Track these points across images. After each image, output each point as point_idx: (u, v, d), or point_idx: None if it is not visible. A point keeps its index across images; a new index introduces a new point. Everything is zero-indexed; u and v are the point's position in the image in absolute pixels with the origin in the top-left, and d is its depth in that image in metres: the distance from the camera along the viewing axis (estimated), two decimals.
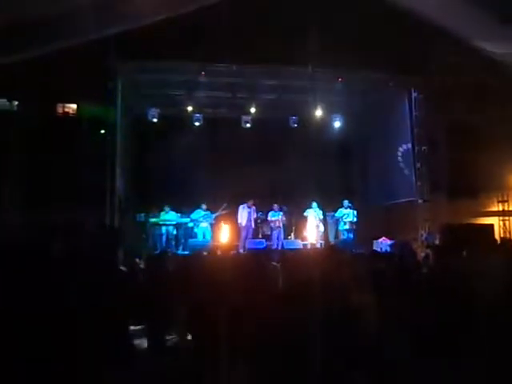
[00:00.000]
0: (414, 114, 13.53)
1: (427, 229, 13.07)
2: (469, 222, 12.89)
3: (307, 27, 10.53)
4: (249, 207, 13.50)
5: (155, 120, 14.79)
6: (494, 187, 14.49)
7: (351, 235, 13.57)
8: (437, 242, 11.60)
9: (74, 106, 13.46)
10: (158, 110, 14.76)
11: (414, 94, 13.57)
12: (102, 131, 12.56)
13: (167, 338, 4.06)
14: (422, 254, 7.90)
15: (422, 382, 2.58)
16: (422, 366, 2.60)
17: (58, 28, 10.25)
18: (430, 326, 2.76)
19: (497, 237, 11.91)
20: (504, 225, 14.20)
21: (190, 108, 14.84)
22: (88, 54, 10.76)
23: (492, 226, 11.20)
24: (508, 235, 13.50)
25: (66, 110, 13.41)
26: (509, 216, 14.30)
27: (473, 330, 2.81)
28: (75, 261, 3.34)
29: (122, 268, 3.80)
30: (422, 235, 13.05)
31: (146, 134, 14.85)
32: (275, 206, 13.65)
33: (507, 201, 14.43)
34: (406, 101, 13.75)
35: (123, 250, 8.54)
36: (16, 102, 13.07)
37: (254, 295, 3.08)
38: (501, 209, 14.46)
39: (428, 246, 10.64)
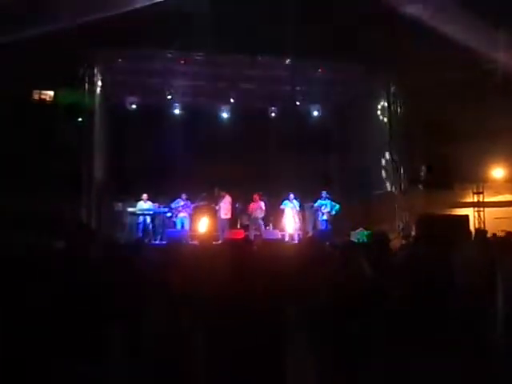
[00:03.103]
0: (392, 106, 13.66)
1: (404, 220, 13.23)
2: (445, 212, 13.08)
3: (289, 17, 10.52)
4: (222, 198, 13.47)
5: (134, 107, 14.66)
6: (469, 179, 14.72)
7: (329, 226, 13.65)
8: (413, 232, 11.75)
9: (51, 92, 13.21)
10: (136, 98, 14.63)
11: (392, 88, 13.68)
12: (80, 119, 12.39)
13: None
14: (398, 245, 7.99)
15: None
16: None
17: (35, 14, 10.07)
18: (403, 313, 2.80)
19: (471, 227, 12.11)
20: (479, 216, 14.45)
21: (168, 96, 14.74)
22: (66, 41, 10.58)
23: (467, 216, 11.34)
24: (482, 226, 13.73)
25: (43, 96, 13.15)
26: (483, 207, 14.56)
27: (444, 319, 2.87)
28: (48, 256, 3.31)
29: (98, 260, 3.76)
30: (399, 226, 13.19)
31: (125, 122, 14.71)
32: (256, 197, 13.62)
33: (482, 192, 14.68)
34: (385, 94, 13.85)
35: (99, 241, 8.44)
36: None
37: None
38: (476, 200, 14.70)
39: (404, 237, 10.76)
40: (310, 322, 2.78)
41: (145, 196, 13.25)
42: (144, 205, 13.21)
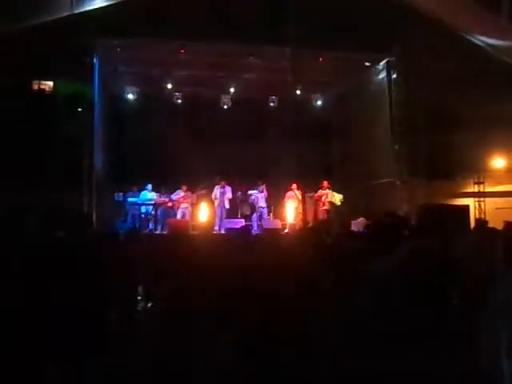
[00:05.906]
0: (392, 95, 13.60)
1: (405, 209, 13.20)
2: (445, 202, 13.05)
3: (288, 6, 10.45)
4: (222, 187, 13.47)
5: (134, 98, 14.65)
6: (470, 169, 14.66)
7: (330, 216, 13.63)
8: (413, 222, 11.72)
9: (51, 83, 13.16)
10: (136, 88, 14.60)
11: (393, 76, 13.63)
12: (80, 109, 12.36)
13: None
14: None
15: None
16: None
17: (34, 4, 10.01)
18: (401, 304, 2.80)
19: (472, 217, 12.09)
20: (479, 206, 14.42)
21: (168, 86, 14.69)
22: (65, 31, 10.53)
23: (468, 206, 11.33)
24: (483, 216, 13.70)
25: (42, 86, 13.10)
26: (484, 197, 14.53)
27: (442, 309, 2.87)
28: (46, 244, 3.32)
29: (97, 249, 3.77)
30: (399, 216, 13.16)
31: (125, 112, 14.71)
32: (258, 186, 13.65)
33: (483, 182, 14.64)
34: (386, 82, 13.79)
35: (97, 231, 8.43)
36: None
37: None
38: (476, 190, 14.67)
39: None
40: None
41: (149, 186, 13.35)
42: (148, 194, 13.32)
